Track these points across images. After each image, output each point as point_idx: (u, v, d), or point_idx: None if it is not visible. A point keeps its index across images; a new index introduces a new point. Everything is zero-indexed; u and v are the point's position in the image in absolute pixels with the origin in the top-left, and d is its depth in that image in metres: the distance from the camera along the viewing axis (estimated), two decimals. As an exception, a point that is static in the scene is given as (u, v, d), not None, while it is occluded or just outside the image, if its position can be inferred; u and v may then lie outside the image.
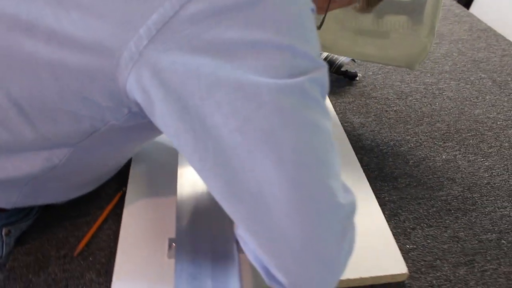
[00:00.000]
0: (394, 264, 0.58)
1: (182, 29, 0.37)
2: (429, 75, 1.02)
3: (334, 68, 0.96)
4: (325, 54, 0.96)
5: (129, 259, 0.59)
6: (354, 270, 0.57)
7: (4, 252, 0.61)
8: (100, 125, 0.46)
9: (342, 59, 0.95)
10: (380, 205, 0.69)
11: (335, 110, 0.89)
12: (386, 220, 0.66)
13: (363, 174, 0.72)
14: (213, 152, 0.38)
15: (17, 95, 0.45)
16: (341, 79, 0.99)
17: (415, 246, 0.63)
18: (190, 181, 0.59)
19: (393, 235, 0.64)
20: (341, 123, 0.85)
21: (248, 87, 0.37)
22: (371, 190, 0.69)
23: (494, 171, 0.76)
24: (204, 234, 0.51)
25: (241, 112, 0.37)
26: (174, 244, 0.53)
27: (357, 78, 0.99)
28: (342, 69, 0.98)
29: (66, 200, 0.67)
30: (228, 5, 0.37)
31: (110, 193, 0.70)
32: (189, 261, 0.48)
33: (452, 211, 0.69)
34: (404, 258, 0.61)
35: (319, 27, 0.71)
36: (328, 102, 0.90)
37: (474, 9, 1.90)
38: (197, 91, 0.37)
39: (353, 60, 1.01)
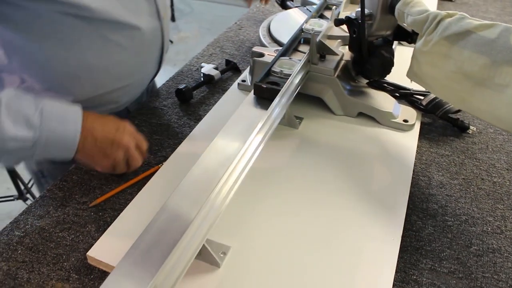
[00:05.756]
0: None
1: None
2: None
3: (441, 112, 0.82)
4: (432, 95, 0.82)
5: (124, 227, 0.62)
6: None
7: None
8: None
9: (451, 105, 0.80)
10: (403, 282, 0.57)
11: (421, 158, 0.76)
12: (397, 301, 0.55)
13: (399, 239, 0.61)
14: None
15: None
16: (448, 127, 0.84)
17: None
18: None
19: (393, 321, 0.53)
20: (417, 175, 0.73)
21: None
22: (395, 259, 0.58)
23: None
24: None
25: None
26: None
27: (469, 131, 0.83)
28: (453, 116, 0.83)
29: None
30: None
31: (152, 164, 0.74)
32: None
33: (491, 328, 0.53)
34: None
35: None
36: (414, 145, 0.77)
37: None
38: None
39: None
